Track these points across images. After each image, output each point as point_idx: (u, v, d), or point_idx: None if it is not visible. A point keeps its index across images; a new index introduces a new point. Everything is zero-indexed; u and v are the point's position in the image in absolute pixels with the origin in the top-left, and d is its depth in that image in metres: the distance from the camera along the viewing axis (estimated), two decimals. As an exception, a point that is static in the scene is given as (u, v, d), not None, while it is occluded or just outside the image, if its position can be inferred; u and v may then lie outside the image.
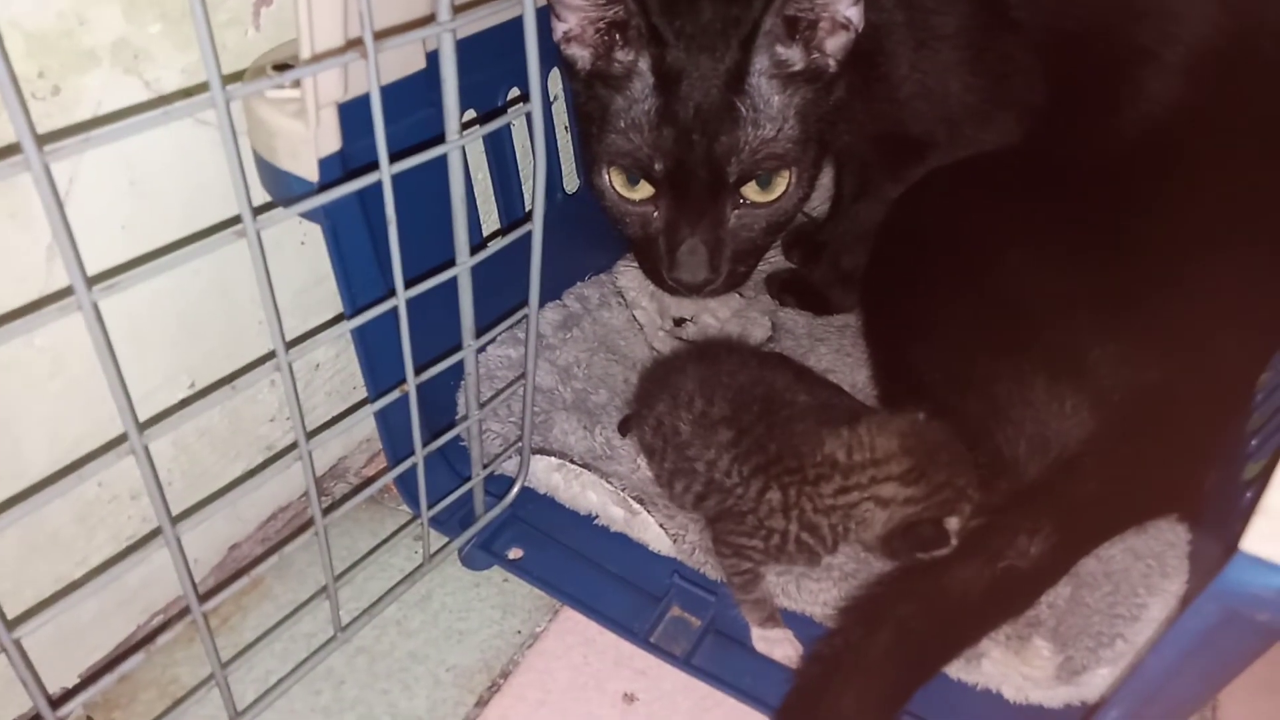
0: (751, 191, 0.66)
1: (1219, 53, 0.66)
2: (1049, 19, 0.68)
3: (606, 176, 0.68)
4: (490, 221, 0.77)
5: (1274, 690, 0.60)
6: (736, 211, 0.66)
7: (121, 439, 0.37)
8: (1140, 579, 0.58)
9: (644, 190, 0.67)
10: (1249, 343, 0.62)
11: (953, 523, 0.57)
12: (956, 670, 0.56)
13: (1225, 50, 0.66)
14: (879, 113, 0.72)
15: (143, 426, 0.38)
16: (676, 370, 0.66)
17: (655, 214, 0.67)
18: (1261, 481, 0.34)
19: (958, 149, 0.72)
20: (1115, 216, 0.64)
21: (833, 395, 0.71)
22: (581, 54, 0.66)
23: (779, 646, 0.59)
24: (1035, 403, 0.61)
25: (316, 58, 0.44)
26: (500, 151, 0.73)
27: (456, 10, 0.42)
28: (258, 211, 0.37)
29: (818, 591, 0.61)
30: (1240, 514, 0.54)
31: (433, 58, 0.48)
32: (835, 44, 0.64)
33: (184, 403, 0.57)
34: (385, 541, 0.61)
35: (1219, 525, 0.57)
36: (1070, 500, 0.58)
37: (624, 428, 0.71)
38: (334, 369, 0.69)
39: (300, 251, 0.63)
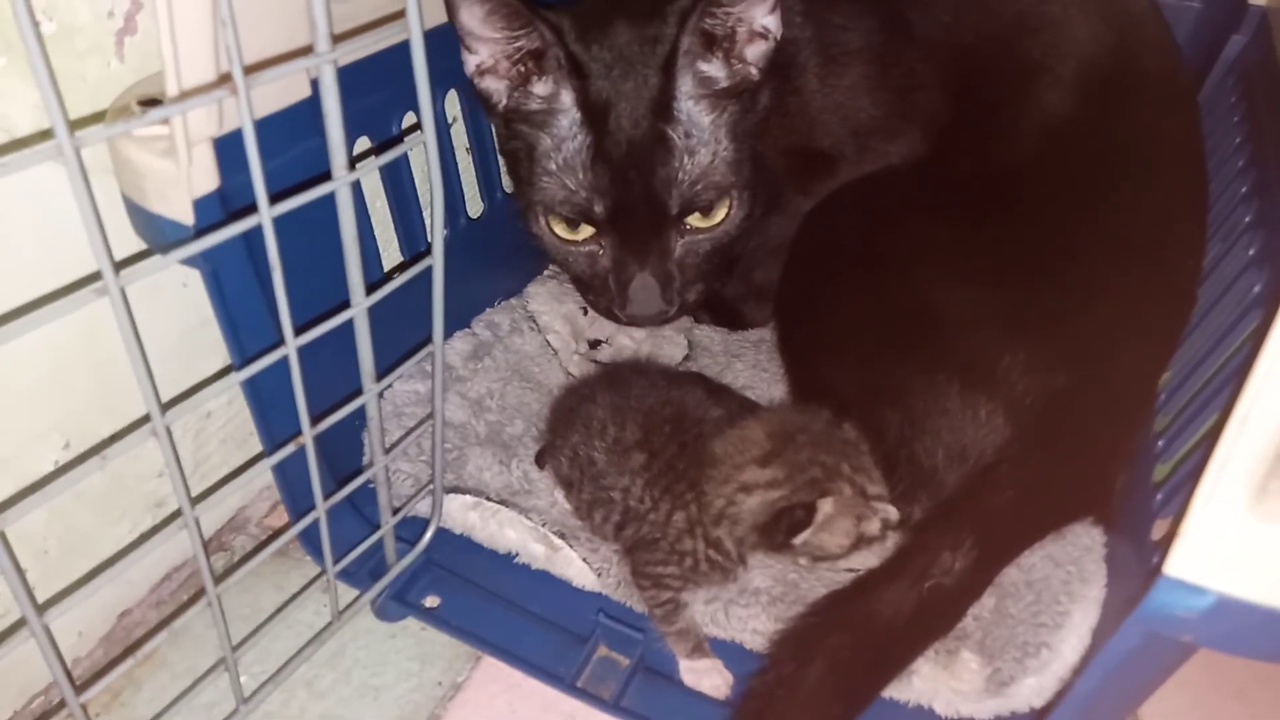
0: (694, 219, 0.65)
1: (1103, 65, 0.68)
2: (949, 34, 0.69)
3: (544, 223, 0.65)
4: (391, 251, 0.73)
5: (1189, 685, 0.61)
6: (682, 240, 0.65)
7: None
8: (1061, 586, 0.58)
9: (585, 231, 0.65)
10: (1149, 345, 0.64)
11: (826, 505, 0.54)
12: (888, 689, 0.56)
13: (1108, 63, 0.68)
14: (790, 127, 0.71)
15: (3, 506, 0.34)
16: (587, 398, 0.64)
17: (601, 253, 0.66)
18: (1182, 502, 0.34)
19: (866, 163, 0.73)
20: (1019, 226, 0.64)
21: (747, 411, 0.70)
22: (497, 87, 0.63)
23: (707, 677, 0.57)
24: (951, 411, 0.61)
25: (185, 94, 0.41)
26: (398, 179, 0.70)
27: (340, 37, 0.39)
28: (132, 260, 0.34)
29: (746, 618, 0.60)
30: (1152, 515, 0.56)
31: (318, 84, 0.45)
32: (755, 52, 0.63)
33: (58, 466, 0.53)
34: (291, 600, 0.58)
35: (1133, 527, 0.58)
36: (989, 511, 0.58)
37: (541, 459, 0.68)
38: (228, 415, 0.65)
39: (182, 294, 0.58)
